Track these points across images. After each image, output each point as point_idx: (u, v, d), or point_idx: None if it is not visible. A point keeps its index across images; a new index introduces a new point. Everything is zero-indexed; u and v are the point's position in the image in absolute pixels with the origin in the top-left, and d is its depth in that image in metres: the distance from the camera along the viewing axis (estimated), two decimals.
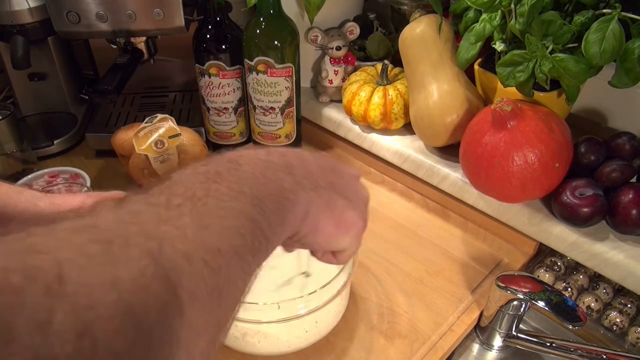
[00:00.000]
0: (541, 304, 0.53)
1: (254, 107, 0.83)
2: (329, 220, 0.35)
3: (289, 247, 0.38)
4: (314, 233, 0.35)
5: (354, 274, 0.57)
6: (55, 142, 0.92)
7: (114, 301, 0.19)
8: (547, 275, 0.67)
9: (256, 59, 0.77)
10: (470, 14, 0.67)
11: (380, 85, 0.79)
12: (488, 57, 0.69)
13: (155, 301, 0.20)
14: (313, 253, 0.41)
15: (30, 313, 0.17)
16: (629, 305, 0.62)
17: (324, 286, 0.52)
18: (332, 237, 0.36)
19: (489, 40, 0.64)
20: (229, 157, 0.31)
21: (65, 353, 0.17)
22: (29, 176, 0.76)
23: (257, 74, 0.79)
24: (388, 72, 0.80)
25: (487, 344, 0.63)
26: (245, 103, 0.88)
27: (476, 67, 0.69)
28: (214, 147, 0.91)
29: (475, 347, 0.63)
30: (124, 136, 0.81)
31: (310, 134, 0.92)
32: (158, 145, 0.76)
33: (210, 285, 0.24)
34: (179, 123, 0.79)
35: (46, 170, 0.77)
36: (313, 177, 0.34)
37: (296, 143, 0.88)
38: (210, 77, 0.83)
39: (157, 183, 0.27)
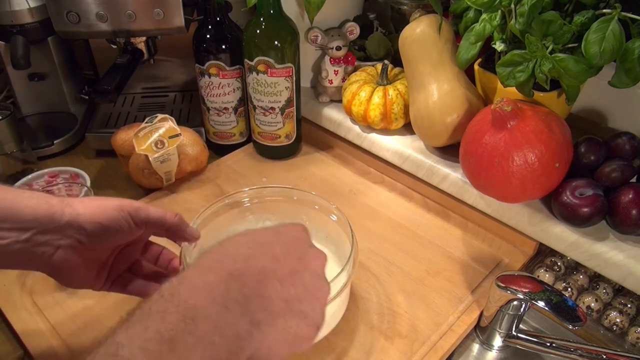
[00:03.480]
0: (541, 304, 0.53)
1: (254, 107, 0.83)
2: (281, 346, 0.37)
3: None
4: (266, 358, 0.36)
5: (354, 275, 0.57)
6: (55, 142, 0.92)
7: None
8: (547, 275, 0.67)
9: (256, 59, 0.77)
10: (470, 14, 0.67)
11: (380, 85, 0.79)
12: (488, 57, 0.69)
13: None
14: None
15: None
16: (629, 305, 0.62)
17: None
18: (284, 356, 0.38)
19: (489, 40, 0.64)
20: (184, 309, 0.32)
21: None
22: (29, 176, 0.76)
23: (257, 74, 0.79)
24: (388, 72, 0.80)
25: (487, 344, 0.63)
26: (245, 103, 0.88)
27: (476, 67, 0.70)
28: (214, 147, 0.91)
29: (475, 347, 0.63)
30: (124, 136, 0.81)
31: (310, 134, 0.92)
32: (158, 146, 0.76)
33: None
34: (179, 123, 0.79)
35: (46, 170, 0.77)
36: (270, 305, 0.36)
37: (296, 143, 0.88)
38: (210, 77, 0.83)
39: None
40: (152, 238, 0.54)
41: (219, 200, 0.63)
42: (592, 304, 0.63)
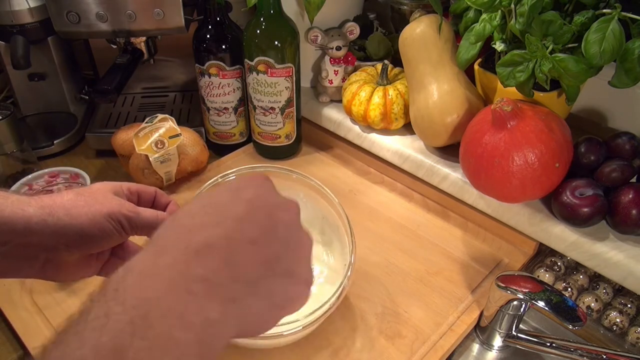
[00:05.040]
0: (541, 304, 0.53)
1: (254, 107, 0.83)
2: (271, 313, 0.33)
3: None
4: (258, 332, 0.33)
5: (350, 283, 0.57)
6: (55, 142, 0.92)
7: None
8: (547, 275, 0.67)
9: (256, 59, 0.77)
10: (470, 14, 0.67)
11: (380, 85, 0.79)
12: (488, 57, 0.69)
13: None
14: None
15: None
16: (629, 305, 0.62)
17: (317, 309, 0.53)
18: (276, 322, 0.34)
19: (489, 40, 0.64)
20: (132, 307, 0.26)
21: None
22: (29, 176, 0.76)
23: (257, 74, 0.79)
24: (388, 72, 0.80)
25: (487, 344, 0.63)
26: (245, 103, 0.88)
27: (476, 67, 0.70)
28: (214, 147, 0.91)
29: (475, 347, 0.64)
30: (124, 136, 0.81)
31: (310, 134, 0.92)
32: (158, 146, 0.76)
33: None
34: (179, 123, 0.79)
35: (46, 170, 0.77)
36: (244, 273, 0.31)
37: (296, 143, 0.88)
38: (210, 77, 0.83)
39: None
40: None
41: (212, 181, 0.63)
42: (592, 304, 0.63)
